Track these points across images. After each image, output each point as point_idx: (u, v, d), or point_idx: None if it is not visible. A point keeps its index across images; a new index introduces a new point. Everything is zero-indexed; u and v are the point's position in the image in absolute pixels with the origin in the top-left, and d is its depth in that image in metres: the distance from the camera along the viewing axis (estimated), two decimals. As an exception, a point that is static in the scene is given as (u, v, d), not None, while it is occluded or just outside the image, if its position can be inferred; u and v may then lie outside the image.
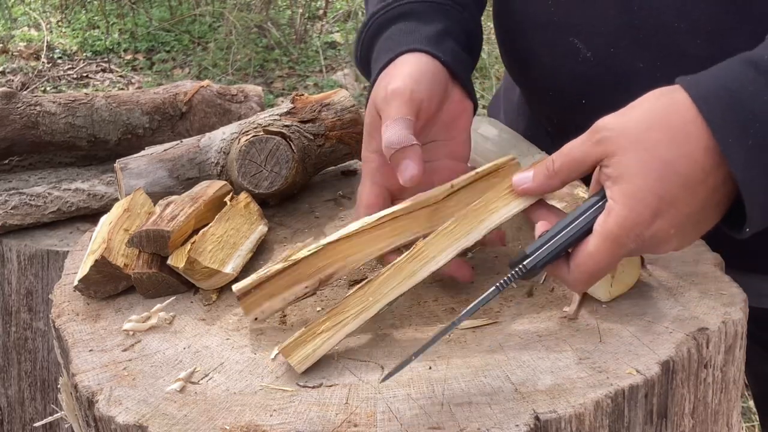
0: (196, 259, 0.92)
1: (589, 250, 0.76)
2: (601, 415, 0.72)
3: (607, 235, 0.75)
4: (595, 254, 0.76)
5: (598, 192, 0.78)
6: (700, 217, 0.76)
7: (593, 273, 0.77)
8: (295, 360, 0.77)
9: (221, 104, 1.60)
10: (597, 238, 0.76)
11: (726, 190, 0.75)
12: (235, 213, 1.03)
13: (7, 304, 1.48)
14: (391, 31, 0.98)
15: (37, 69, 4.70)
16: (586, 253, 0.76)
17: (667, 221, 0.75)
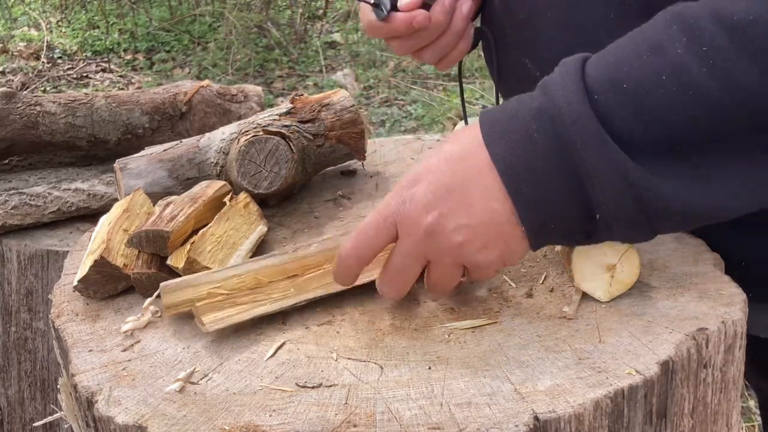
0: (196, 259, 0.92)
1: (392, 265, 0.83)
2: (600, 415, 0.72)
3: (368, 221, 0.83)
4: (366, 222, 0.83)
5: None
6: (464, 193, 0.79)
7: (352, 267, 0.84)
8: (208, 318, 0.82)
9: (221, 104, 1.60)
10: (393, 251, 0.83)
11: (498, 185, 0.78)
12: (235, 213, 1.03)
13: (7, 304, 1.48)
14: None
15: (37, 69, 4.70)
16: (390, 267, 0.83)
17: (424, 186, 0.80)
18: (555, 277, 0.92)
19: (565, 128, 0.74)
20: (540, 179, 0.76)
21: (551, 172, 0.75)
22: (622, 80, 0.74)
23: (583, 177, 0.74)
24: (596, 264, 0.85)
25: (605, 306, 0.85)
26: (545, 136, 0.75)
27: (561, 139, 0.74)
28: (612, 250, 0.84)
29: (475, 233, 0.79)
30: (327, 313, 0.89)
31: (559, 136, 0.74)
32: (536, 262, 0.96)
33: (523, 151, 0.76)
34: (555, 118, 0.75)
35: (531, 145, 0.75)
